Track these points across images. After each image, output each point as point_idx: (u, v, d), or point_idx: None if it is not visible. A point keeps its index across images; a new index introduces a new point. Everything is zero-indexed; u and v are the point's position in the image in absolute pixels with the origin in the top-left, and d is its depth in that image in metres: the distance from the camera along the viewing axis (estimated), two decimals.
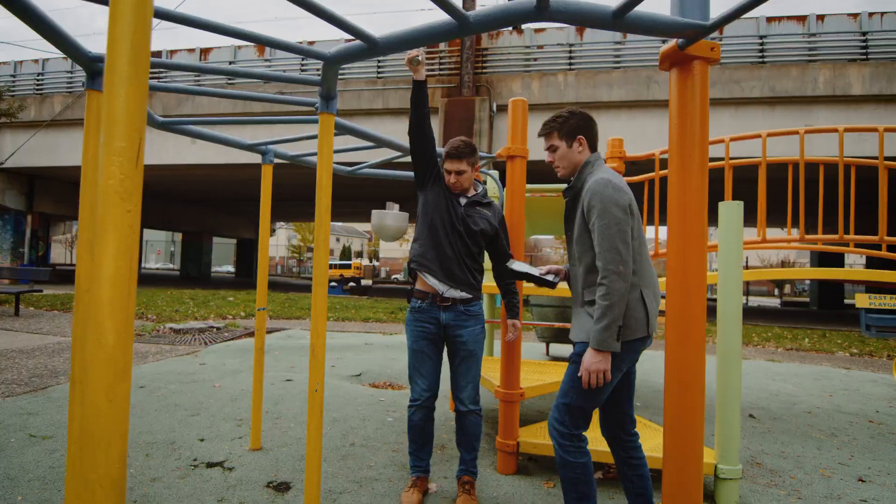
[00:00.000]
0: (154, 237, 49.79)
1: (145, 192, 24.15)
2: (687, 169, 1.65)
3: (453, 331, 2.53)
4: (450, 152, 2.52)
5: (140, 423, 3.55)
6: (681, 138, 1.66)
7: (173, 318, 9.34)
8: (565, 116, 2.12)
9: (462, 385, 2.55)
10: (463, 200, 2.61)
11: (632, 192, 2.01)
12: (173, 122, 2.60)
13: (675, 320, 1.65)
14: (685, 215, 1.65)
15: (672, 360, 1.67)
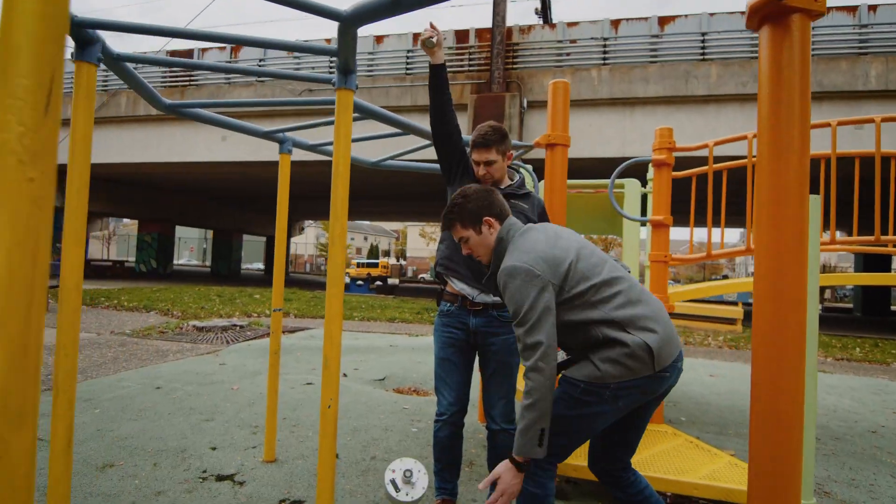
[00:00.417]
0: (187, 234, 50.79)
1: (176, 189, 24.60)
2: (783, 152, 1.33)
3: (484, 338, 2.25)
4: (476, 141, 2.24)
5: (152, 428, 3.36)
6: (774, 113, 1.34)
7: (198, 316, 9.28)
8: (460, 202, 1.90)
9: (494, 400, 2.26)
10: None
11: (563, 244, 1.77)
12: (180, 105, 2.38)
13: (765, 336, 1.34)
14: (780, 209, 1.33)
15: (761, 385, 1.35)
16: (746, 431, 4.08)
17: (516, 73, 14.21)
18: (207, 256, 51.50)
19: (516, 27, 14.68)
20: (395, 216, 38.52)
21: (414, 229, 55.73)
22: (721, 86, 12.90)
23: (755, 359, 1.37)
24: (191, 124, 16.60)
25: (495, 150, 2.24)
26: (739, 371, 6.78)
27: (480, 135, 2.23)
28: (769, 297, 1.33)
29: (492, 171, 2.26)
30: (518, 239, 1.81)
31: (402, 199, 24.12)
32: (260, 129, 2.80)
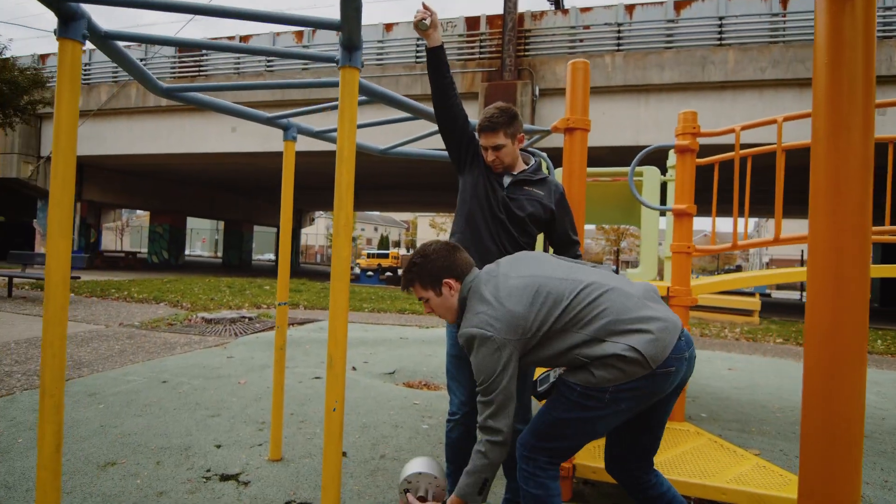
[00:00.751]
0: (199, 225, 51.02)
1: (188, 180, 24.62)
2: (843, 133, 1.17)
3: None
4: (482, 125, 2.09)
5: (157, 425, 3.28)
6: (834, 89, 1.18)
7: (207, 307, 9.24)
8: (420, 262, 1.81)
9: None
10: (507, 180, 2.17)
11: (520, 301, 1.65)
12: (179, 88, 2.25)
13: (821, 334, 1.19)
14: (840, 196, 1.17)
15: (815, 386, 1.20)
16: (769, 429, 3.92)
17: (528, 61, 13.95)
18: (219, 247, 51.81)
19: (528, 13, 14.40)
20: (405, 206, 38.46)
21: (424, 219, 55.61)
22: (739, 72, 12.57)
23: (808, 364, 1.22)
24: (201, 115, 16.54)
25: (503, 133, 2.08)
26: (758, 364, 6.59)
27: (486, 118, 2.08)
28: (827, 294, 1.17)
29: (501, 157, 2.11)
30: (472, 296, 1.73)
31: (413, 189, 23.97)
32: (262, 114, 2.67)
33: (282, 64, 15.99)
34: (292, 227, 24.42)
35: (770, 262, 46.61)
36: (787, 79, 12.31)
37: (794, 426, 4.03)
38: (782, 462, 3.23)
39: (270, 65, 16.00)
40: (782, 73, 12.30)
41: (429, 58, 2.09)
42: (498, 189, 2.15)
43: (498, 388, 1.60)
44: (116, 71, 17.60)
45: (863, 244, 1.17)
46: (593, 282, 1.66)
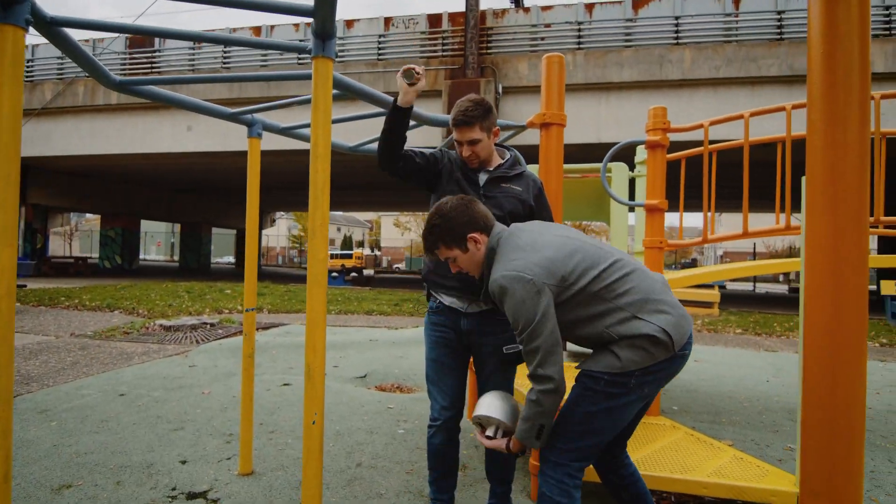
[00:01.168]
0: (153, 228, 49.27)
1: (141, 181, 23.69)
2: (839, 120, 1.15)
3: (477, 338, 2.05)
4: (457, 119, 1.99)
5: (114, 442, 3.08)
6: (830, 76, 1.16)
7: (165, 314, 8.87)
8: (440, 223, 1.75)
9: None
10: (482, 177, 2.10)
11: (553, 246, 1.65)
12: (133, 81, 2.09)
13: (821, 329, 1.17)
14: (837, 191, 1.15)
15: (816, 382, 1.18)
16: (739, 419, 4.00)
17: (491, 59, 13.96)
18: (175, 251, 50.18)
19: (490, 11, 14.42)
20: (368, 206, 38.06)
21: (388, 219, 55.25)
22: (695, 70, 12.89)
23: (808, 360, 1.20)
24: (155, 113, 15.90)
25: (479, 126, 2.01)
26: (721, 355, 6.76)
27: (461, 111, 1.99)
28: (827, 288, 1.15)
29: (477, 151, 2.04)
30: (505, 245, 1.69)
31: (376, 189, 23.71)
32: (225, 110, 2.53)
33: (239, 60, 15.55)
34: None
35: (724, 256, 48.19)
36: (740, 77, 12.70)
37: (762, 416, 4.12)
38: (755, 452, 3.28)
39: (227, 61, 15.53)
40: (735, 72, 12.68)
41: (393, 114, 1.96)
42: (475, 188, 2.08)
43: (542, 333, 1.54)
44: (62, 67, 16.75)
45: (861, 236, 1.15)
46: (622, 258, 1.68)
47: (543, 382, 1.55)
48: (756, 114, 3.34)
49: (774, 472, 2.49)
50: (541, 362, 1.54)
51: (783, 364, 6.25)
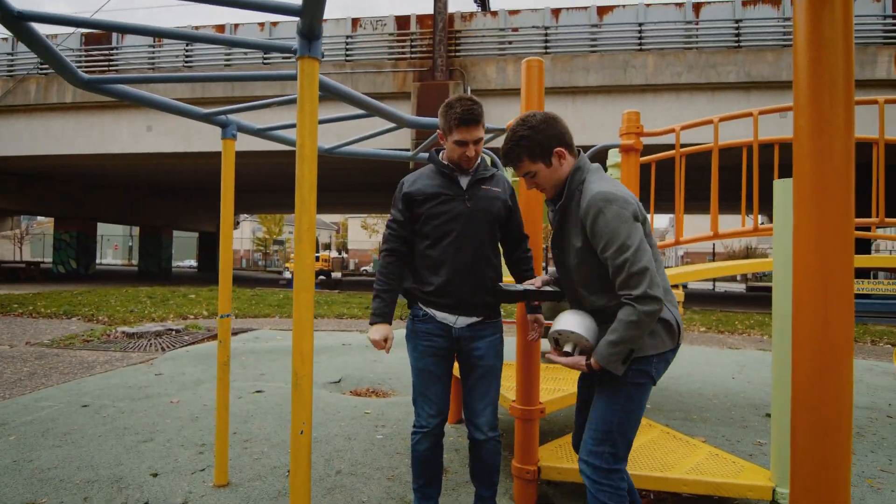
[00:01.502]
0: (110, 231, 47.56)
1: (98, 183, 22.82)
2: (826, 126, 1.19)
3: (468, 343, 2.03)
4: (465, 118, 1.93)
5: (80, 455, 2.94)
6: (816, 84, 1.20)
7: (127, 320, 8.56)
8: (528, 134, 1.68)
9: (480, 408, 2.05)
10: (464, 181, 2.06)
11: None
12: (102, 80, 2.01)
13: (810, 330, 1.20)
14: (824, 191, 1.19)
15: (805, 383, 1.21)
16: (710, 416, 4.10)
17: (459, 61, 14.01)
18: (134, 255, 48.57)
19: (458, 14, 14.47)
20: (335, 208, 37.66)
21: (355, 221, 54.75)
22: (658, 76, 13.23)
23: (797, 360, 1.23)
24: (112, 113, 15.34)
25: (482, 125, 2.01)
26: (688, 353, 6.93)
27: (467, 109, 1.93)
28: (816, 291, 1.18)
29: (479, 151, 2.03)
30: (596, 173, 1.70)
31: (343, 190, 23.50)
32: (198, 111, 2.45)
33: (201, 60, 15.15)
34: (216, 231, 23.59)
35: (685, 256, 49.55)
36: (700, 83, 13.10)
37: (730, 412, 4.24)
38: (727, 447, 3.37)
39: (189, 60, 15.12)
40: (696, 78, 13.07)
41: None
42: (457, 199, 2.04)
43: (646, 255, 1.52)
44: (12, 63, 16.01)
45: (847, 239, 1.19)
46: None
47: (650, 303, 1.50)
48: (725, 119, 3.45)
49: (749, 467, 2.56)
50: (650, 284, 1.50)
51: (746, 361, 6.46)
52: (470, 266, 1.99)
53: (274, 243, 51.47)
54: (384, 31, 14.69)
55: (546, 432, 3.40)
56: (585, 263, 1.66)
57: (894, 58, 12.52)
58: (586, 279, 1.68)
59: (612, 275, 1.56)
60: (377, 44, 14.64)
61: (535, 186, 1.76)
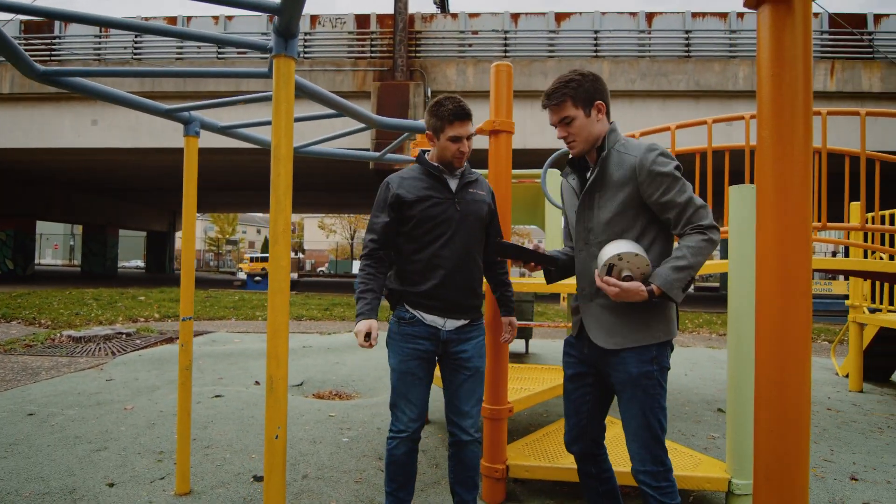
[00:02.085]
0: (50, 230, 45.16)
1: (37, 179, 21.61)
2: (786, 136, 1.26)
3: (455, 345, 2.04)
4: (458, 112, 1.97)
5: (28, 466, 2.79)
6: (778, 98, 1.27)
7: (72, 324, 8.16)
8: (578, 80, 1.72)
9: (466, 409, 2.05)
10: (453, 183, 2.07)
11: None
12: (59, 72, 1.92)
13: (771, 328, 1.27)
14: (785, 197, 1.26)
15: (768, 378, 1.28)
16: (671, 414, 4.25)
17: (420, 62, 14.01)
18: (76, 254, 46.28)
19: (419, 15, 14.47)
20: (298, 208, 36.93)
21: (312, 221, 53.88)
22: (612, 82, 13.59)
23: (760, 357, 1.30)
24: (53, 106, 14.56)
25: (472, 122, 2.04)
26: None
27: (458, 105, 1.97)
28: (776, 292, 1.26)
29: (471, 146, 2.06)
30: (629, 139, 1.75)
31: (300, 190, 23.07)
32: (160, 106, 2.37)
33: (151, 52, 14.59)
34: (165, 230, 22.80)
35: None
36: (653, 90, 13.55)
37: (684, 408, 4.41)
38: (683, 441, 3.51)
39: (139, 52, 14.53)
40: (649, 85, 13.52)
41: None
42: (447, 202, 2.04)
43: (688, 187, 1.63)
44: None
45: (805, 243, 1.27)
46: None
47: (716, 233, 1.58)
48: (681, 126, 3.59)
49: (707, 460, 2.68)
50: (712, 217, 1.60)
51: (697, 358, 6.72)
52: (460, 269, 2.00)
53: (227, 243, 50.08)
54: (344, 29, 14.54)
55: (511, 431, 3.45)
56: (624, 213, 1.67)
57: (830, 71, 13.30)
58: (616, 233, 1.68)
59: (678, 213, 1.61)
60: (337, 42, 14.47)
61: (567, 137, 1.75)
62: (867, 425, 4.03)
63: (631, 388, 1.66)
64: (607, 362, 1.73)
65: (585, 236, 1.76)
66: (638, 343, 1.66)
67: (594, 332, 1.74)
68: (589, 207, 1.75)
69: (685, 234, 1.61)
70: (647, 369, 1.65)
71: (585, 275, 1.77)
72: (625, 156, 1.67)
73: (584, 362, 1.84)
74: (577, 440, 1.88)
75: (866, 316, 5.29)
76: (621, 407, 1.71)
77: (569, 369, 1.90)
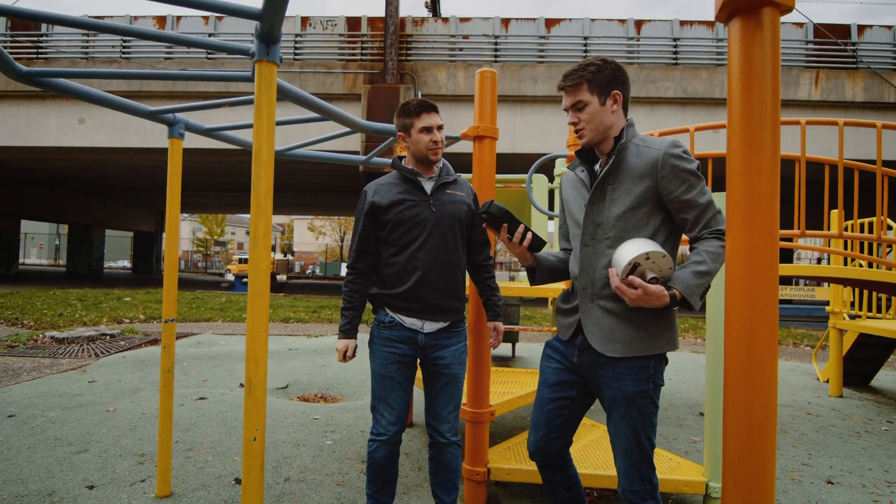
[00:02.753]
0: (35, 230, 44.60)
1: (22, 178, 21.36)
2: (755, 148, 1.29)
3: (433, 351, 2.06)
4: (423, 104, 2.04)
5: (7, 469, 2.77)
6: (747, 109, 1.30)
7: (56, 324, 8.07)
8: (599, 65, 1.62)
9: (444, 414, 2.08)
10: (428, 185, 2.10)
11: None
12: (41, 73, 1.92)
13: (739, 334, 1.30)
14: (753, 206, 1.29)
15: (736, 383, 1.31)
16: None
17: (410, 66, 14.04)
18: (62, 254, 45.73)
19: (410, 18, 14.50)
20: (280, 209, 36.78)
21: (301, 223, 53.71)
22: None
23: (729, 362, 1.34)
24: (39, 104, 14.41)
25: (439, 115, 2.09)
26: None
27: (422, 100, 2.06)
28: (745, 298, 1.29)
29: (442, 138, 2.09)
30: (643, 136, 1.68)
31: (290, 191, 23.01)
32: (145, 108, 2.37)
33: (139, 51, 14.49)
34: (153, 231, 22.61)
35: None
36: (641, 97, 13.67)
37: (667, 412, 4.45)
38: (664, 445, 3.55)
39: (127, 51, 14.43)
40: (637, 92, 13.63)
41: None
42: (422, 203, 2.06)
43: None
44: None
45: (772, 251, 1.30)
46: None
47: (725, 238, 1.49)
48: (664, 134, 3.64)
49: (686, 463, 2.71)
50: (724, 222, 1.45)
51: (682, 363, 6.79)
52: (438, 270, 2.01)
53: (215, 244, 49.74)
54: (334, 31, 14.53)
55: (493, 434, 3.47)
56: (638, 209, 1.58)
57: (815, 80, 13.52)
58: (627, 230, 1.59)
59: (697, 215, 1.54)
60: (327, 44, 14.46)
61: (577, 123, 1.64)
62: (845, 430, 4.10)
63: (625, 406, 1.57)
64: (600, 375, 1.62)
65: (593, 231, 1.63)
66: (638, 353, 1.56)
67: (593, 336, 1.61)
68: (600, 200, 1.63)
69: (702, 238, 1.54)
70: (644, 388, 1.57)
71: (588, 272, 1.64)
72: (645, 149, 1.58)
73: (572, 371, 1.72)
74: (542, 452, 1.77)
75: (846, 322, 5.38)
76: (611, 422, 1.63)
77: (550, 376, 1.76)
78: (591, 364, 1.63)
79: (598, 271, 1.61)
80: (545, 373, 1.79)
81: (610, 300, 1.59)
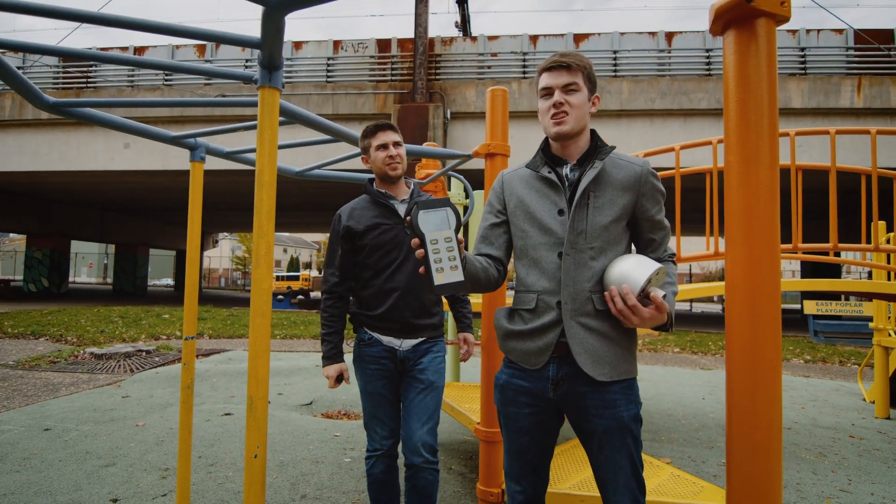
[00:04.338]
0: (85, 249, 46.67)
1: (72, 200, 22.48)
2: (752, 160, 1.26)
3: (411, 362, 2.08)
4: (379, 124, 2.12)
5: (39, 480, 2.88)
6: (743, 120, 1.27)
7: (97, 341, 8.39)
8: (590, 64, 1.58)
9: (417, 426, 1.99)
10: (401, 208, 2.13)
11: None
12: (68, 103, 2.02)
13: (741, 348, 1.26)
14: (752, 218, 1.26)
15: (740, 399, 1.27)
16: (677, 437, 4.15)
17: (439, 84, 14.23)
18: (109, 273, 47.64)
19: (438, 39, 14.73)
20: (315, 227, 37.53)
21: None
22: (632, 101, 13.58)
23: (731, 378, 1.29)
24: (88, 130, 15.20)
25: (398, 133, 2.14)
26: (661, 374, 7.01)
27: (378, 121, 2.13)
28: (745, 311, 1.25)
29: (402, 155, 2.12)
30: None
31: (322, 209, 23.45)
32: (167, 133, 2.47)
33: (182, 78, 15.16)
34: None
35: None
36: (673, 109, 13.47)
37: (698, 433, 4.30)
38: (692, 468, 3.42)
39: (169, 79, 15.10)
40: (669, 104, 13.45)
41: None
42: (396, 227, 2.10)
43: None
44: None
45: (773, 264, 1.26)
46: None
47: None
48: (686, 147, 3.58)
49: (709, 487, 2.61)
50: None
51: (718, 381, 6.56)
52: (414, 290, 2.05)
53: None
54: (365, 53, 14.88)
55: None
56: (619, 221, 1.50)
57: (857, 87, 13.04)
58: (609, 241, 1.49)
59: (663, 236, 1.58)
60: (358, 66, 14.81)
61: (563, 105, 1.50)
62: (891, 454, 3.87)
63: (620, 436, 1.41)
64: (588, 406, 1.43)
65: (573, 240, 1.46)
66: (625, 375, 1.45)
67: (582, 360, 1.41)
68: (583, 206, 1.48)
69: (664, 261, 1.54)
70: (635, 411, 1.44)
71: (568, 285, 1.45)
72: (623, 162, 1.53)
73: (548, 410, 1.50)
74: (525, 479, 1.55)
75: (891, 339, 5.10)
76: (601, 455, 1.43)
77: (523, 420, 1.51)
78: (574, 395, 1.44)
79: (580, 284, 1.44)
80: (516, 419, 1.53)
81: (592, 318, 1.43)
